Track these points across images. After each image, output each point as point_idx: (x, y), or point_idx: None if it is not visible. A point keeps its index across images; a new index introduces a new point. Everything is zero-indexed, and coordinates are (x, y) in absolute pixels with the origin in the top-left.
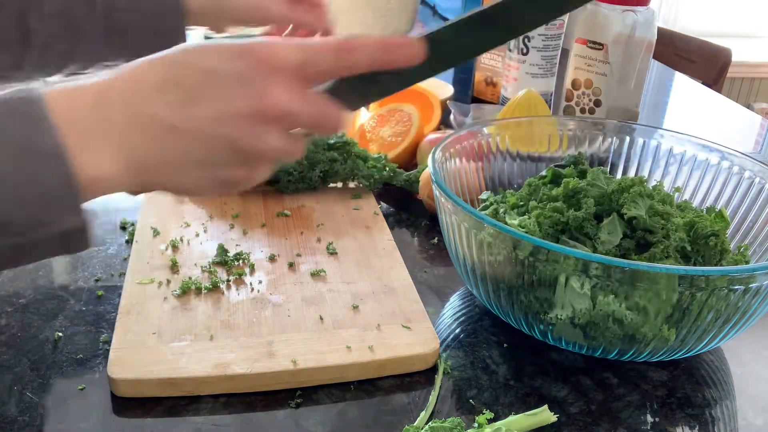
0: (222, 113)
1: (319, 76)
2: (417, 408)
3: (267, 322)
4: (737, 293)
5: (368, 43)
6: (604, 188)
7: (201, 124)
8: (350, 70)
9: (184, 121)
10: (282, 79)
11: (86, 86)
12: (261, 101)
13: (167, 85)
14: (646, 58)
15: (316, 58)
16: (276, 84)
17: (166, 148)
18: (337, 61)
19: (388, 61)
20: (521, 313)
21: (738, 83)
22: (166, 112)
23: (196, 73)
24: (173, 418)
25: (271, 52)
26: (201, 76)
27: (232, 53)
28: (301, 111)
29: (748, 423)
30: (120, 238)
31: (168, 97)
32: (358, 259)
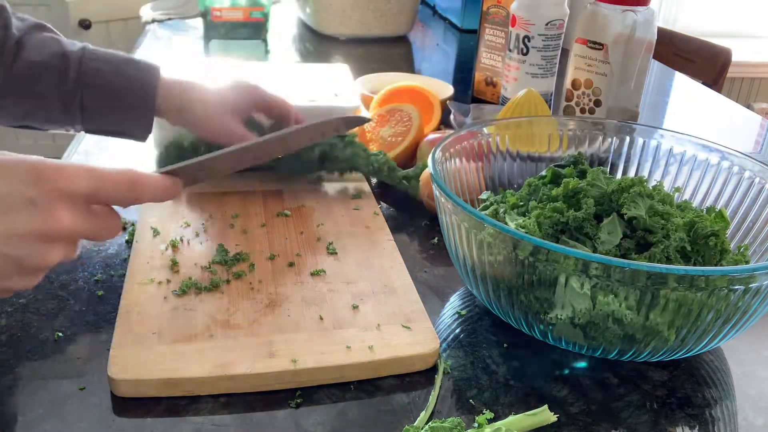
0: (9, 234)
1: (108, 202)
2: (417, 408)
3: (267, 322)
4: (737, 293)
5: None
6: (604, 188)
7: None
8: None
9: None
10: (69, 203)
11: None
12: (46, 224)
13: None
14: (646, 58)
15: (107, 187)
16: (63, 208)
17: None
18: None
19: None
20: (521, 313)
21: (738, 83)
22: None
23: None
24: (173, 418)
25: (64, 178)
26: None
27: (26, 178)
28: (83, 228)
29: (748, 423)
30: (120, 238)
31: None
32: (358, 259)
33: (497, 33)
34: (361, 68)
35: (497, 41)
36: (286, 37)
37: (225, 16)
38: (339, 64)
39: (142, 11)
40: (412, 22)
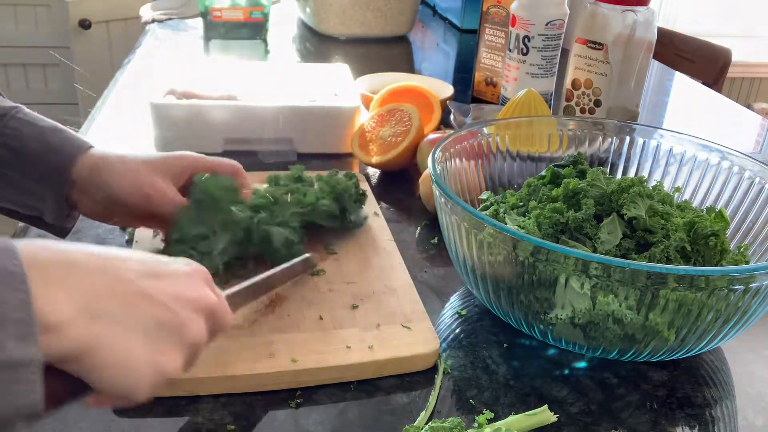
0: (179, 292)
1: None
2: (417, 408)
3: (267, 322)
4: (737, 293)
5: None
6: (604, 188)
7: (165, 296)
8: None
9: (151, 288)
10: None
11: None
12: (205, 296)
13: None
14: (646, 58)
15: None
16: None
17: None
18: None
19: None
20: (521, 313)
21: (738, 83)
22: (136, 277)
23: (155, 260)
24: (173, 418)
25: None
26: (159, 263)
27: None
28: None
29: (748, 423)
30: (120, 238)
31: (137, 267)
32: (358, 259)
33: (497, 33)
34: (361, 68)
35: (497, 41)
36: (286, 37)
37: (225, 16)
38: (339, 64)
39: (142, 11)
40: (412, 22)
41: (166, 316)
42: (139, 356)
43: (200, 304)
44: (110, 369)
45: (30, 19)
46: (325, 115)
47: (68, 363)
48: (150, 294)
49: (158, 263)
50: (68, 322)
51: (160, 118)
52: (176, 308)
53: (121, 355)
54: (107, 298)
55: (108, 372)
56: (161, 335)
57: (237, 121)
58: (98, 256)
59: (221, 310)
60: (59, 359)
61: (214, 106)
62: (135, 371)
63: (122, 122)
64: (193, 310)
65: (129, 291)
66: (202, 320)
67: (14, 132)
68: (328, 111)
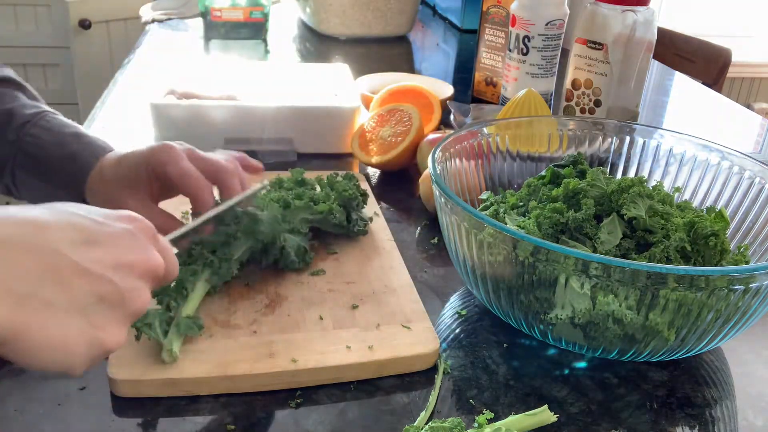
0: (119, 259)
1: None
2: (417, 408)
3: (267, 322)
4: (737, 293)
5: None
6: (604, 188)
7: (104, 266)
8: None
9: (87, 260)
10: (155, 242)
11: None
12: (148, 258)
13: (68, 225)
14: (646, 58)
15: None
16: (152, 243)
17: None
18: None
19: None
20: (521, 313)
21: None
22: (70, 248)
23: (91, 221)
24: (173, 418)
25: (146, 223)
26: (95, 225)
27: (116, 213)
28: (166, 266)
29: (748, 423)
30: None
31: (71, 234)
32: (358, 259)
33: (497, 33)
34: (361, 68)
35: (497, 41)
36: (286, 37)
37: (225, 16)
38: (339, 64)
39: (142, 11)
40: (412, 22)
41: (106, 289)
42: (76, 337)
43: (144, 267)
44: (42, 352)
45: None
46: (325, 115)
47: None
48: (86, 267)
49: (95, 225)
50: None
51: (160, 118)
52: (117, 279)
53: (54, 339)
54: (36, 277)
55: (39, 355)
56: (101, 310)
57: (237, 121)
58: (27, 224)
59: (168, 266)
60: None
61: (214, 106)
62: (70, 352)
63: (122, 122)
64: (137, 276)
65: (62, 266)
66: (146, 286)
67: (35, 140)
68: (328, 111)
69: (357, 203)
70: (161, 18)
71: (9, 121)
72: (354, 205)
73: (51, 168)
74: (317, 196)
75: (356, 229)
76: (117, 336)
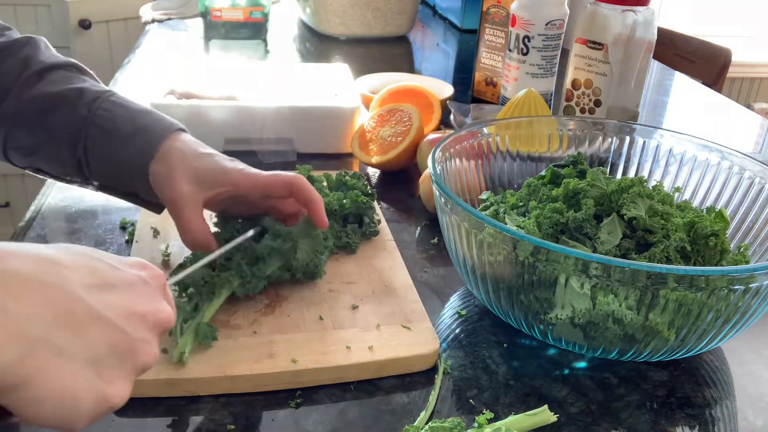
0: (132, 307)
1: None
2: (417, 408)
3: (267, 322)
4: (737, 293)
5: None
6: (604, 188)
7: (117, 314)
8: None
9: (102, 305)
10: (164, 294)
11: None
12: (159, 310)
13: (84, 268)
14: (646, 58)
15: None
16: (162, 295)
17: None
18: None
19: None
20: (521, 313)
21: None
22: (86, 292)
23: (106, 265)
24: (173, 418)
25: (158, 271)
26: (110, 269)
27: (129, 260)
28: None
29: (748, 423)
30: (120, 238)
31: (88, 279)
32: (358, 259)
33: (497, 33)
34: (361, 68)
35: (497, 41)
36: (286, 37)
37: (225, 16)
38: (339, 64)
39: (142, 11)
40: (412, 22)
41: (118, 338)
42: (84, 389)
43: (155, 319)
44: (48, 404)
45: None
46: (325, 115)
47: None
48: (101, 314)
49: (110, 270)
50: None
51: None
52: (129, 329)
53: (63, 390)
54: (51, 320)
55: (45, 407)
56: (110, 361)
57: (237, 121)
58: (44, 261)
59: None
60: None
61: (214, 106)
62: (76, 406)
63: None
64: (147, 327)
65: (78, 312)
66: (155, 340)
67: (106, 113)
68: (328, 111)
69: (371, 212)
70: (161, 18)
71: (80, 96)
72: (369, 213)
73: (122, 141)
74: (331, 203)
75: (368, 231)
76: (123, 392)
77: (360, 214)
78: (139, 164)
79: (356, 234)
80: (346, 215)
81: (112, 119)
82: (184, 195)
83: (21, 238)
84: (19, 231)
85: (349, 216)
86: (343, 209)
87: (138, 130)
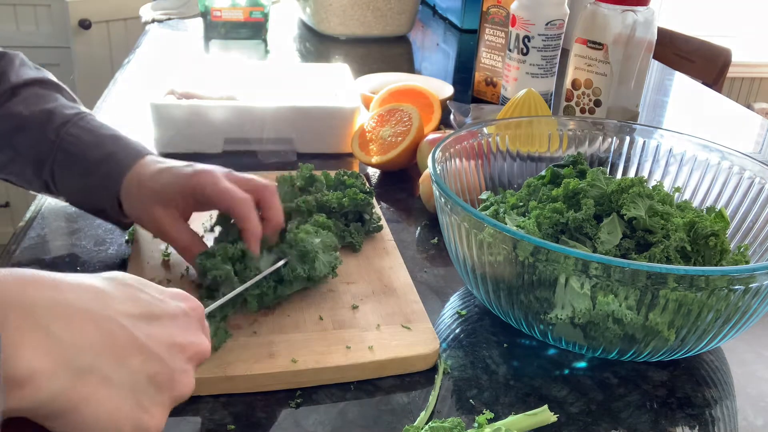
0: (173, 339)
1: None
2: (417, 408)
3: (267, 322)
4: (737, 293)
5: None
6: (604, 188)
7: (159, 345)
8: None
9: (145, 336)
10: (202, 326)
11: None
12: (198, 341)
13: (129, 298)
14: (646, 58)
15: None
16: (201, 328)
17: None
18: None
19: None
20: (521, 313)
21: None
22: (130, 322)
23: (149, 296)
24: (173, 418)
25: (197, 303)
26: (153, 300)
27: (171, 291)
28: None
29: (748, 423)
30: (120, 238)
31: (131, 308)
32: (358, 259)
33: (497, 33)
34: (361, 68)
35: (497, 41)
36: (286, 37)
37: (225, 16)
38: (339, 64)
39: (142, 11)
40: (412, 22)
41: (158, 369)
42: (126, 417)
43: (194, 351)
44: (91, 429)
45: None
46: (325, 115)
47: (43, 418)
48: (143, 344)
49: (154, 302)
50: (46, 374)
51: (160, 118)
52: (169, 360)
53: (107, 416)
54: (97, 351)
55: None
56: (149, 390)
57: (237, 121)
58: (89, 291)
59: (209, 351)
60: (32, 413)
61: (214, 106)
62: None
63: (122, 122)
64: (186, 359)
65: (122, 342)
66: (192, 372)
67: (74, 139)
68: (328, 111)
69: (371, 208)
70: (161, 18)
71: (49, 119)
72: (368, 210)
73: (89, 167)
74: (330, 201)
75: (371, 228)
76: (159, 421)
77: (359, 211)
78: (105, 191)
79: (359, 233)
80: (346, 213)
81: (79, 145)
82: (159, 218)
83: (21, 238)
84: (19, 231)
85: (349, 214)
86: (342, 208)
87: (104, 158)
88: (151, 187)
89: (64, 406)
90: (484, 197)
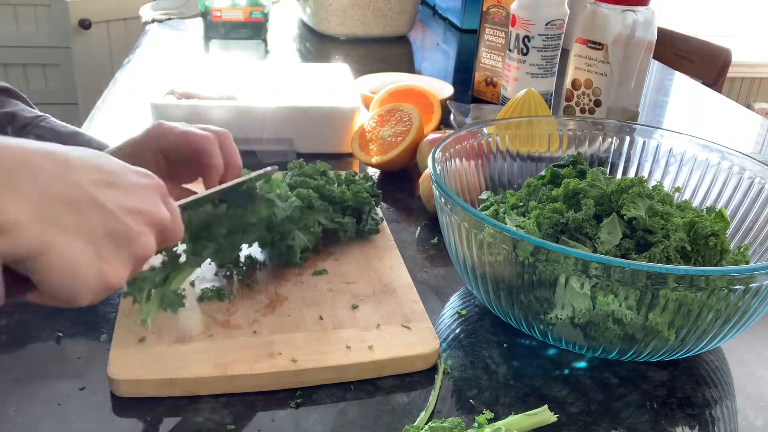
0: (132, 205)
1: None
2: (417, 408)
3: (267, 322)
4: (737, 293)
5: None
6: (604, 189)
7: (118, 207)
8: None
9: (104, 198)
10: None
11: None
12: (159, 209)
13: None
14: (646, 58)
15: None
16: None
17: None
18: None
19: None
20: (521, 313)
21: (738, 83)
22: (91, 185)
23: (114, 166)
24: (173, 418)
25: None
26: (117, 169)
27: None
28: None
29: (748, 423)
30: None
31: (94, 175)
32: (358, 259)
33: (497, 33)
34: (361, 68)
35: (497, 41)
36: (286, 37)
37: (225, 16)
38: (339, 64)
39: (142, 11)
40: (412, 22)
41: (117, 227)
42: (86, 264)
43: (153, 218)
44: (57, 272)
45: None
46: (325, 115)
47: (18, 263)
48: (102, 204)
49: (116, 171)
50: (22, 224)
51: (160, 118)
52: (128, 221)
53: (69, 261)
54: (59, 204)
55: (55, 275)
56: (109, 246)
57: (237, 121)
58: (56, 157)
59: (174, 225)
60: (11, 259)
61: (214, 106)
62: (80, 278)
63: (122, 122)
64: (145, 223)
65: (82, 199)
66: (152, 235)
67: (36, 138)
68: (328, 111)
69: (370, 208)
70: (161, 18)
71: (12, 120)
72: (366, 209)
73: None
74: (335, 193)
75: (367, 228)
76: (120, 272)
77: (359, 209)
78: None
79: (351, 223)
80: (345, 207)
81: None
82: None
83: None
84: None
85: (348, 209)
86: (343, 201)
87: None
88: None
89: (32, 250)
90: (484, 197)
